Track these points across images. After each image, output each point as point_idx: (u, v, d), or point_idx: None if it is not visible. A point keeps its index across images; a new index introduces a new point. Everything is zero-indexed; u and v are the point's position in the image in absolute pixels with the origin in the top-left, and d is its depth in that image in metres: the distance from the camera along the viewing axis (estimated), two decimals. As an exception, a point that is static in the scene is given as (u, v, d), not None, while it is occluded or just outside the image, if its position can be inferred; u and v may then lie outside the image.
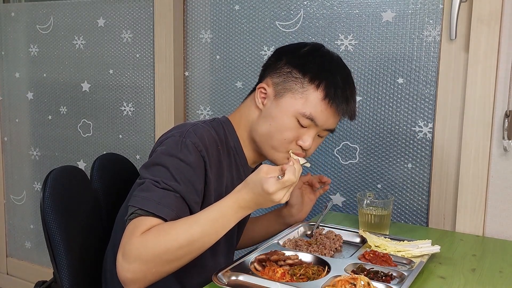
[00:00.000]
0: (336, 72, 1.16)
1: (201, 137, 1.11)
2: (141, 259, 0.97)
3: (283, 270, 1.02)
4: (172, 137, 1.11)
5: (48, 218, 1.17)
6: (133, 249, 0.97)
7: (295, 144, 1.15)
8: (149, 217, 1.01)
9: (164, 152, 1.09)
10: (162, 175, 1.05)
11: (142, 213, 1.01)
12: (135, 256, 0.97)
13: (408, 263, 1.11)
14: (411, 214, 1.60)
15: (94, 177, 1.36)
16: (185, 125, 1.15)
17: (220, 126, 1.20)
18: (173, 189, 1.04)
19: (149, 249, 0.97)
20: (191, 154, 1.07)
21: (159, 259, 0.98)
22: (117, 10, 2.11)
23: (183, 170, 1.06)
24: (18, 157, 2.53)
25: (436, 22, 1.50)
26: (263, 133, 1.16)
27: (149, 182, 1.05)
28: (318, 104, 1.12)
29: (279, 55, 1.21)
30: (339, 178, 1.71)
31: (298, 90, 1.13)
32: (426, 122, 1.55)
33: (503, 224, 1.42)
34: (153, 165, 1.08)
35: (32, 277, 2.47)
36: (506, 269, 1.14)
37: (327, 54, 1.19)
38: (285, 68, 1.16)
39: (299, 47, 1.21)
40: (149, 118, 2.09)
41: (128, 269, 0.97)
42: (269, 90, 1.17)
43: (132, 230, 0.99)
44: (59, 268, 1.17)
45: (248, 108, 1.22)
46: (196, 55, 1.96)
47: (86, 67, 2.23)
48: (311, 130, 1.15)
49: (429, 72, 1.53)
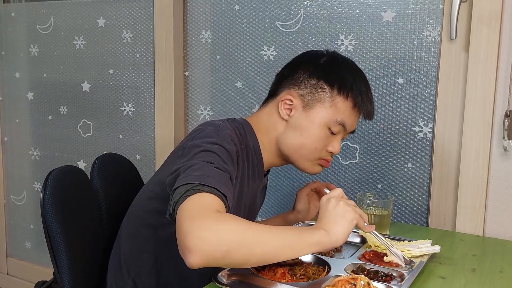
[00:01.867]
0: (357, 78, 1.21)
1: (232, 133, 1.13)
2: (218, 232, 0.86)
3: (283, 270, 1.02)
4: (206, 130, 1.12)
5: (48, 218, 1.18)
6: (211, 220, 0.87)
7: (325, 151, 1.21)
8: (211, 194, 0.92)
9: (206, 141, 1.07)
10: (211, 157, 1.02)
11: (203, 188, 0.92)
12: (211, 228, 0.86)
13: (408, 263, 1.11)
14: (411, 214, 1.60)
15: (94, 177, 1.36)
16: (214, 122, 1.17)
17: (241, 127, 1.22)
18: (226, 169, 1.01)
19: (227, 227, 0.88)
20: (230, 144, 1.09)
21: (233, 248, 0.86)
22: (117, 10, 2.11)
23: (227, 156, 1.06)
24: (18, 157, 2.53)
25: (436, 22, 1.51)
26: (294, 144, 1.20)
27: (203, 163, 0.99)
28: (348, 112, 1.19)
29: (296, 66, 1.24)
30: (339, 178, 1.71)
31: (327, 100, 1.18)
32: (426, 122, 1.55)
33: (503, 224, 1.42)
34: (199, 152, 1.03)
35: (32, 277, 2.47)
36: (506, 269, 1.14)
37: (346, 61, 1.24)
38: (310, 80, 1.19)
39: (317, 57, 1.23)
40: (149, 118, 2.09)
41: (199, 237, 0.85)
42: (295, 102, 1.19)
43: (203, 205, 0.90)
44: (60, 268, 1.17)
45: (268, 116, 1.24)
46: (196, 55, 1.96)
47: (86, 67, 2.23)
48: (339, 136, 1.21)
49: (429, 72, 1.53)
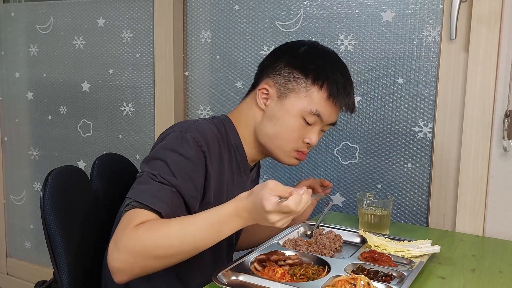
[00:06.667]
0: (335, 69, 1.18)
1: (203, 132, 1.11)
2: (130, 251, 0.96)
3: (283, 270, 1.02)
4: (173, 132, 1.12)
5: (48, 218, 1.18)
6: (124, 239, 0.97)
7: (301, 142, 1.18)
8: (144, 210, 1.00)
9: (164, 147, 1.09)
10: (160, 169, 1.05)
11: (137, 205, 1.01)
12: (125, 247, 0.96)
13: (408, 263, 1.11)
14: (411, 214, 1.60)
15: (94, 177, 1.36)
16: (186, 122, 1.16)
17: (221, 123, 1.21)
18: (170, 183, 1.04)
19: (139, 242, 0.96)
20: (191, 149, 1.08)
21: (148, 254, 0.97)
22: (117, 10, 2.10)
23: (182, 165, 1.06)
24: (18, 157, 2.53)
25: (436, 22, 1.50)
26: (269, 133, 1.18)
27: (147, 175, 1.05)
28: (322, 102, 1.16)
29: (276, 55, 1.22)
30: (339, 178, 1.71)
31: (302, 90, 1.16)
32: (426, 122, 1.55)
33: (503, 224, 1.42)
34: (152, 159, 1.09)
35: (32, 277, 2.47)
36: (506, 269, 1.14)
37: (324, 52, 1.22)
38: (285, 69, 1.17)
39: (296, 46, 1.22)
40: (149, 118, 2.09)
41: (117, 259, 0.97)
42: (271, 91, 1.18)
43: (127, 222, 1.00)
44: (59, 268, 1.17)
45: (248, 107, 1.23)
46: (196, 55, 1.96)
47: (86, 67, 2.23)
48: (315, 127, 1.18)
49: (429, 72, 1.53)
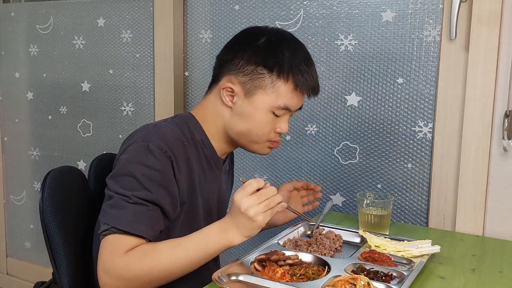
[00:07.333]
0: (297, 57, 1.16)
1: (164, 137, 1.09)
2: (124, 279, 1.01)
3: (283, 270, 1.02)
4: (135, 143, 1.09)
5: (47, 219, 1.17)
6: (117, 268, 1.00)
7: (273, 133, 1.19)
8: (126, 235, 1.02)
9: (129, 160, 1.07)
10: (131, 186, 1.04)
11: (116, 231, 1.02)
12: (118, 276, 1.00)
13: (408, 263, 1.10)
14: (411, 214, 1.60)
15: (92, 177, 1.36)
16: (147, 127, 1.14)
17: (183, 122, 1.19)
18: (145, 200, 1.03)
19: (132, 270, 1.00)
20: (158, 159, 1.06)
21: (142, 280, 1.01)
22: (117, 10, 2.10)
23: (152, 177, 1.05)
24: (18, 157, 2.53)
25: (436, 22, 1.50)
26: (241, 131, 1.18)
27: (119, 198, 1.04)
28: (290, 94, 1.16)
29: (236, 49, 1.18)
30: (339, 178, 1.70)
31: (268, 86, 1.14)
32: (426, 122, 1.55)
33: (503, 224, 1.42)
34: (120, 176, 1.07)
35: (32, 277, 2.47)
36: (506, 269, 1.14)
37: (284, 39, 1.18)
38: (248, 67, 1.15)
39: (255, 38, 1.18)
40: (149, 118, 2.08)
41: (111, 285, 1.01)
42: (236, 89, 1.15)
43: (113, 249, 1.01)
44: (59, 268, 1.17)
45: (213, 104, 1.20)
46: (196, 55, 1.96)
47: (86, 67, 2.22)
48: (285, 116, 1.19)
49: (429, 72, 1.53)
